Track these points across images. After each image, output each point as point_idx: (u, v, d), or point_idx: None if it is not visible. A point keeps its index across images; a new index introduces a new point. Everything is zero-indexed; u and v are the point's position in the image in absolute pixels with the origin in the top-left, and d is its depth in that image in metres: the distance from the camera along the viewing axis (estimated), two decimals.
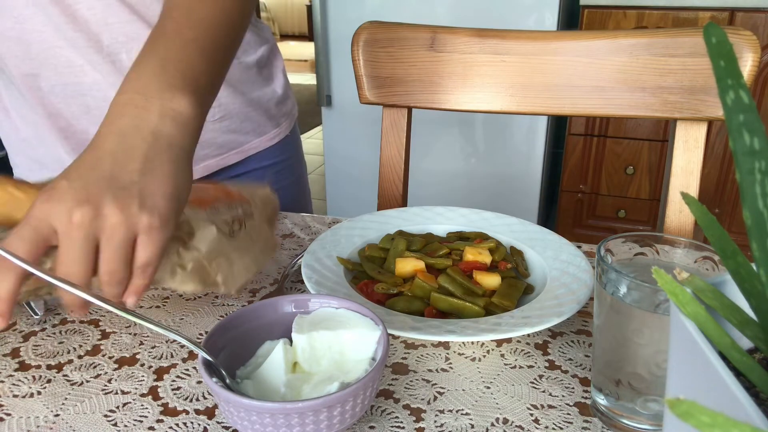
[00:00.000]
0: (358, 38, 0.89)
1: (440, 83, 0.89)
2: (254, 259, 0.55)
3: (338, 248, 0.64)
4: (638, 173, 2.16)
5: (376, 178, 0.97)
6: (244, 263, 0.54)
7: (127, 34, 0.77)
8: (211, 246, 0.52)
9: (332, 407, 0.38)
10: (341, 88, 2.27)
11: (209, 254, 0.51)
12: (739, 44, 0.75)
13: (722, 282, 0.28)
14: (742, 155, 0.23)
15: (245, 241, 0.55)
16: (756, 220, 0.23)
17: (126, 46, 0.78)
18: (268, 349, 0.45)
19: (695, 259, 0.43)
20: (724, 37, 0.24)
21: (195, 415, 0.45)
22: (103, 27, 0.76)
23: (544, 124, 2.14)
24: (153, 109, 0.49)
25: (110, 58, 0.78)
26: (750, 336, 0.25)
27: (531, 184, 2.23)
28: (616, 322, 0.41)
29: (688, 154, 0.81)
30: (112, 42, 0.77)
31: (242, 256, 0.54)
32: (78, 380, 0.49)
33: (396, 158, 0.93)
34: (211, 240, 0.52)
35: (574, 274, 0.58)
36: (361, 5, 2.14)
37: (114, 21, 0.76)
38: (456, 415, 0.45)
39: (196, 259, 0.51)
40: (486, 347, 0.53)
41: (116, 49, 0.78)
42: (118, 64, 0.79)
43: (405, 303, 0.56)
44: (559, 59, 0.84)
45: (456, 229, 0.70)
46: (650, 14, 1.96)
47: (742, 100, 0.23)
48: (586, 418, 0.45)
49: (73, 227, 0.43)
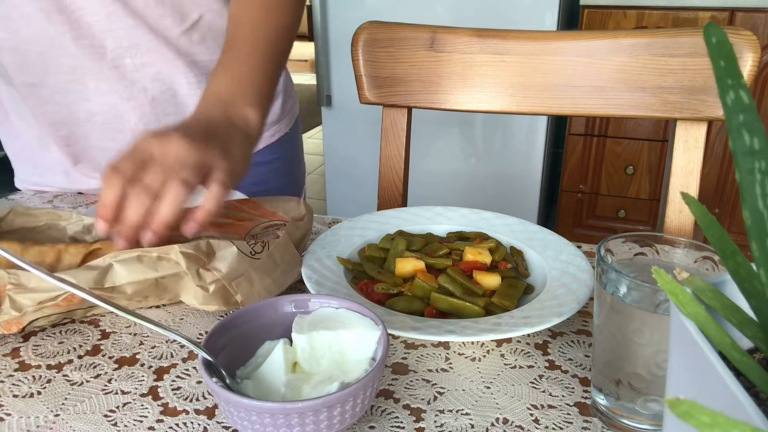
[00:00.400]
0: (358, 38, 0.89)
1: (440, 83, 0.89)
2: (275, 280, 0.56)
3: (338, 248, 0.64)
4: (638, 173, 2.16)
5: (376, 178, 0.96)
6: (265, 285, 0.54)
7: (130, 40, 0.77)
8: (231, 266, 0.53)
9: (332, 407, 0.38)
10: (341, 88, 2.27)
11: (229, 275, 0.52)
12: (739, 44, 0.75)
13: (722, 282, 0.28)
14: (742, 155, 0.23)
15: (267, 263, 0.55)
16: (756, 220, 0.23)
17: (130, 51, 0.78)
18: (268, 349, 0.45)
19: (695, 259, 0.43)
20: (724, 37, 0.24)
21: (195, 415, 0.45)
22: (107, 33, 0.76)
23: (544, 124, 2.14)
24: (232, 112, 0.62)
25: (114, 63, 0.78)
26: (750, 336, 0.25)
27: (531, 184, 2.23)
28: (616, 322, 0.41)
29: (688, 154, 0.81)
30: (116, 47, 0.78)
31: (263, 277, 0.54)
32: (78, 380, 0.49)
33: (396, 158, 0.93)
34: (231, 260, 0.53)
35: (574, 274, 0.58)
36: (361, 5, 2.13)
37: (118, 27, 0.76)
38: (456, 415, 0.45)
39: (216, 281, 0.52)
40: (486, 347, 0.53)
41: (120, 54, 0.78)
42: (122, 69, 0.79)
43: (405, 303, 0.56)
44: (559, 59, 0.84)
45: (456, 229, 0.70)
46: (650, 14, 1.96)
47: (742, 100, 0.23)
48: (586, 418, 0.45)
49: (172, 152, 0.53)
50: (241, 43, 0.69)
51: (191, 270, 0.52)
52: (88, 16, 0.75)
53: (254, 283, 0.54)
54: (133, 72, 0.80)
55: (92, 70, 0.78)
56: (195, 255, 0.52)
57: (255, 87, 0.66)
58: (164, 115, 0.84)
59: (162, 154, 0.53)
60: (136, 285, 0.53)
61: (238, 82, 0.65)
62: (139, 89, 0.81)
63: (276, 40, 0.71)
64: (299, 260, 0.59)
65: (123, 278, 0.52)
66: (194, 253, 0.52)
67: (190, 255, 0.52)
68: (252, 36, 0.69)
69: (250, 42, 0.69)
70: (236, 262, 0.53)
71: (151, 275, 0.52)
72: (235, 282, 0.53)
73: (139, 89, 0.81)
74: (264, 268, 0.55)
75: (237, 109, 0.63)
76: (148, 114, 0.83)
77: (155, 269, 0.52)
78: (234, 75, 0.65)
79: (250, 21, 0.71)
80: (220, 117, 0.61)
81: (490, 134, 2.21)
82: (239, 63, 0.67)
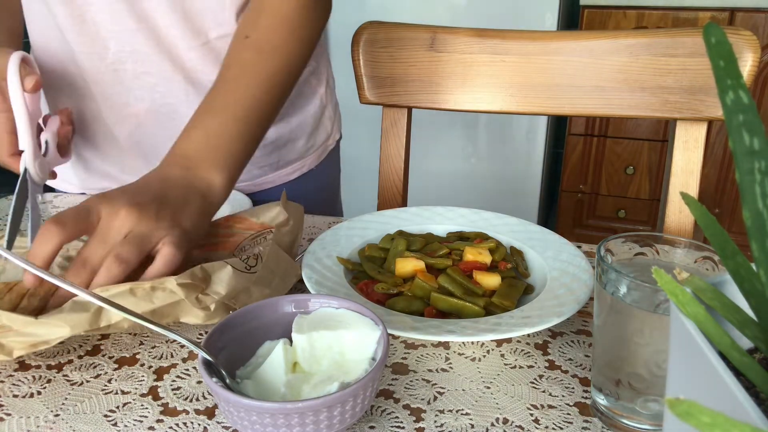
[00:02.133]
0: (358, 38, 0.89)
1: (440, 83, 0.89)
2: (275, 288, 0.55)
3: (338, 248, 0.64)
4: (638, 173, 2.16)
5: (376, 178, 0.96)
6: (264, 294, 0.54)
7: (132, 45, 0.75)
8: (230, 286, 0.52)
9: (332, 407, 0.38)
10: (341, 88, 2.27)
11: (229, 294, 0.51)
12: (739, 44, 0.75)
13: (722, 282, 0.28)
14: (741, 155, 0.23)
15: (264, 275, 0.55)
16: (756, 220, 0.23)
17: (132, 56, 0.76)
18: (268, 349, 0.45)
19: (695, 259, 0.43)
20: (724, 37, 0.24)
21: (195, 415, 0.45)
22: (112, 33, 0.74)
23: (544, 124, 2.14)
24: (195, 173, 0.60)
25: (113, 67, 0.76)
26: (750, 336, 0.25)
27: (531, 184, 2.23)
28: (616, 322, 0.41)
29: (688, 154, 0.81)
30: (118, 50, 0.75)
31: (262, 288, 0.54)
32: (78, 380, 0.49)
33: (396, 158, 0.93)
34: (228, 280, 0.52)
35: (574, 274, 0.58)
36: (361, 5, 2.13)
37: (122, 29, 0.74)
38: (456, 415, 0.45)
39: (217, 302, 0.51)
40: (486, 347, 0.53)
41: (122, 58, 0.76)
42: (122, 74, 0.77)
43: (405, 303, 0.56)
44: (559, 59, 0.84)
45: (456, 229, 0.70)
46: (650, 14, 1.96)
47: (741, 100, 0.23)
48: (586, 418, 0.45)
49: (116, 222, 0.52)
50: (222, 93, 0.65)
51: (190, 298, 0.50)
52: (94, 12, 0.73)
53: (252, 296, 0.53)
54: (132, 79, 0.77)
55: (88, 72, 0.77)
56: (192, 284, 0.50)
57: (225, 147, 0.62)
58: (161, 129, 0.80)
59: (106, 225, 0.52)
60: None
61: (206, 142, 0.62)
62: (136, 97, 0.78)
63: (267, 89, 0.66)
64: (294, 265, 0.59)
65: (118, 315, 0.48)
66: (192, 283, 0.50)
67: (187, 285, 0.50)
68: (235, 86, 0.65)
69: (233, 92, 0.65)
70: (234, 280, 0.52)
71: (147, 307, 0.49)
72: (236, 298, 0.52)
73: (136, 97, 0.78)
74: (261, 280, 0.54)
75: (200, 171, 0.60)
76: (143, 124, 0.80)
77: (150, 301, 0.49)
78: (206, 133, 0.62)
79: (240, 66, 0.66)
80: (180, 179, 0.58)
81: (490, 134, 2.21)
82: (213, 118, 0.63)
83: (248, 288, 0.53)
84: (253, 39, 0.67)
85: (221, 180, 0.61)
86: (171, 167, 0.60)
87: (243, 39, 0.67)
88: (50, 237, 0.50)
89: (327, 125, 0.96)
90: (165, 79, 0.77)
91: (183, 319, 0.51)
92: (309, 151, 0.92)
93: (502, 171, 2.23)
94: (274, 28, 0.68)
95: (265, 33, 0.67)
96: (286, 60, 0.69)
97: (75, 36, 0.75)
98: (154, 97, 0.78)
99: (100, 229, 0.52)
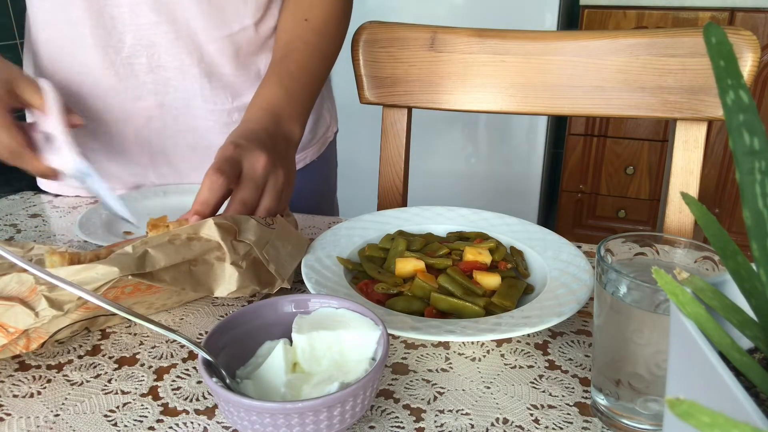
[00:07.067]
0: (358, 38, 0.89)
1: (440, 83, 0.89)
2: (295, 245, 0.60)
3: (338, 248, 0.64)
4: (638, 173, 2.16)
5: (376, 178, 0.97)
6: (288, 250, 0.58)
7: (150, 38, 0.76)
8: (257, 234, 0.55)
9: (332, 407, 0.38)
10: (341, 87, 2.27)
11: (258, 241, 0.55)
12: (739, 44, 0.75)
13: (722, 282, 0.28)
14: (742, 155, 0.23)
15: (282, 231, 0.59)
16: (756, 220, 0.23)
17: (148, 50, 0.76)
18: (268, 349, 0.45)
19: (695, 259, 0.43)
20: (724, 37, 0.24)
21: (195, 415, 0.45)
22: (130, 27, 0.75)
23: (544, 124, 2.14)
24: (281, 124, 0.68)
25: (129, 60, 0.77)
26: (750, 336, 0.25)
27: (531, 184, 2.23)
28: (616, 322, 0.41)
29: (688, 154, 0.81)
30: (134, 43, 0.76)
31: (284, 243, 0.58)
32: (78, 380, 0.49)
33: (396, 158, 0.93)
34: (255, 230, 0.56)
35: (574, 274, 0.58)
36: (361, 5, 2.13)
37: (141, 22, 0.75)
38: (456, 415, 0.45)
39: (248, 252, 0.54)
40: (486, 347, 0.53)
41: (137, 51, 0.76)
42: (137, 67, 0.77)
43: (405, 303, 0.56)
44: (559, 59, 0.84)
45: (456, 229, 0.70)
46: (650, 14, 1.96)
47: (742, 100, 0.23)
48: (586, 418, 0.45)
49: (259, 168, 0.60)
50: (292, 62, 0.74)
51: (226, 241, 0.53)
52: (112, 7, 0.74)
53: (279, 249, 0.57)
54: (147, 72, 0.78)
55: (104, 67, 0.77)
56: (227, 224, 0.54)
57: (301, 104, 0.71)
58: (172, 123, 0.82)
59: (253, 171, 0.60)
60: (174, 271, 0.51)
61: (288, 96, 0.70)
62: (149, 91, 0.79)
63: (321, 65, 0.77)
64: (302, 237, 0.63)
65: (161, 262, 0.50)
66: (226, 223, 0.54)
67: (223, 225, 0.53)
68: (303, 58, 0.75)
69: (302, 62, 0.74)
70: (259, 230, 0.56)
71: (187, 255, 0.51)
72: (264, 250, 0.55)
73: (149, 91, 0.79)
74: (281, 235, 0.58)
75: (285, 123, 0.68)
76: (154, 118, 0.81)
77: (189, 249, 0.52)
78: (286, 89, 0.70)
79: (304, 43, 0.76)
80: (274, 129, 0.66)
81: (490, 134, 2.21)
82: (290, 79, 0.72)
83: (272, 241, 0.57)
84: (312, 23, 0.77)
85: (299, 132, 0.71)
86: (263, 117, 0.67)
87: (303, 21, 0.77)
88: (219, 185, 0.56)
89: (326, 117, 0.99)
90: (181, 72, 0.79)
91: (216, 290, 0.53)
92: (311, 142, 0.95)
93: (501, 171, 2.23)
94: (327, 16, 0.79)
95: (322, 18, 0.78)
96: (336, 46, 0.81)
97: (90, 29, 0.75)
98: (167, 90, 0.80)
99: (250, 175, 0.59)
